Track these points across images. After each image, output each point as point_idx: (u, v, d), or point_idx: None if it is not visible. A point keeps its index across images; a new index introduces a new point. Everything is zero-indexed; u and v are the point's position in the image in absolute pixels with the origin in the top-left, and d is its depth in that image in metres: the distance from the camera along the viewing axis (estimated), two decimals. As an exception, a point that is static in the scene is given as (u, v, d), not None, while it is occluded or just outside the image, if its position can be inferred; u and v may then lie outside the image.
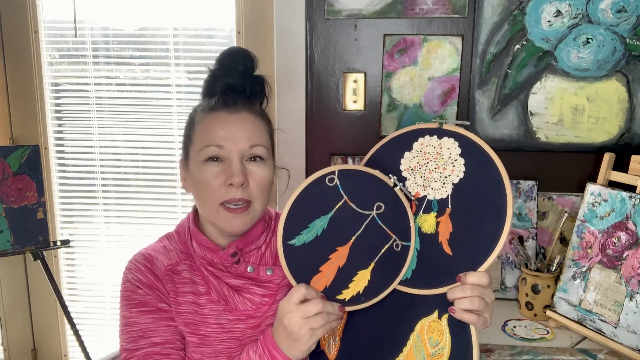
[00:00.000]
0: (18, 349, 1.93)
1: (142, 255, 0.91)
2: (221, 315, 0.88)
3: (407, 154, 0.85)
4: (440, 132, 0.83)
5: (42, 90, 1.74)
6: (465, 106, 1.49)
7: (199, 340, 0.87)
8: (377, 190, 0.80)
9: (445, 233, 0.80)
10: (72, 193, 1.84)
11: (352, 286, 0.79)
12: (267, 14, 1.58)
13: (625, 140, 1.44)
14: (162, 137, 1.76)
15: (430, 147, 0.84)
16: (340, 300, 0.79)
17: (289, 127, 1.55)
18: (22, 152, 1.54)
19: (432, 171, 0.83)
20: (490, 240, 0.77)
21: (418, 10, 1.45)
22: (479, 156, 0.80)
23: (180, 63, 1.71)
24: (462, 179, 0.80)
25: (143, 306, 0.87)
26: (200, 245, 0.90)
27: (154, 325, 0.86)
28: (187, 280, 0.89)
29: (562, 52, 1.42)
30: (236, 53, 0.91)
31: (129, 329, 0.86)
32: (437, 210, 0.81)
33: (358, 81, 1.51)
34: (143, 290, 0.87)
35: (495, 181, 0.78)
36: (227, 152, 0.84)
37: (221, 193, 0.84)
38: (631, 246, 1.20)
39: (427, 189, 0.83)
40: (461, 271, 0.78)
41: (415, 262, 0.81)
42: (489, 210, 0.78)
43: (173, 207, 1.81)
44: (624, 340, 1.17)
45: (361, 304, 0.79)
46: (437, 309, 0.80)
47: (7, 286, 1.87)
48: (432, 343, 0.79)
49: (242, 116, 0.87)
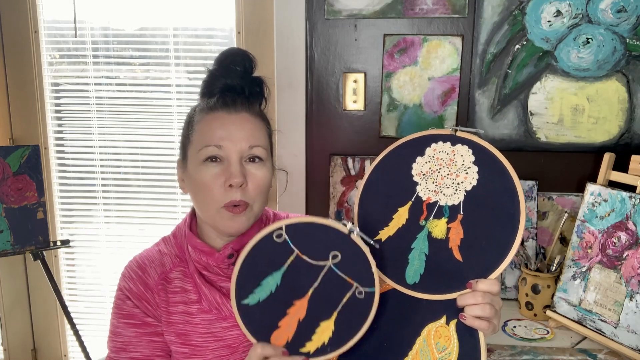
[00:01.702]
0: (18, 349, 1.93)
1: (136, 263, 0.92)
2: (213, 324, 0.88)
3: (419, 159, 0.85)
4: (454, 139, 0.83)
5: (42, 90, 1.74)
6: (465, 106, 1.49)
7: (190, 350, 0.87)
8: (331, 239, 0.77)
9: (456, 239, 0.80)
10: (72, 193, 1.84)
11: (315, 338, 0.77)
12: (267, 14, 1.58)
13: (625, 140, 1.44)
14: (162, 137, 1.76)
15: (443, 154, 0.83)
16: (304, 353, 0.77)
17: (289, 127, 1.55)
18: (22, 152, 1.54)
19: (444, 177, 0.83)
20: (501, 248, 0.78)
21: (418, 10, 1.45)
22: (492, 165, 0.80)
23: (180, 63, 1.71)
24: (475, 187, 0.81)
25: (130, 318, 0.88)
26: (195, 249, 0.89)
27: (137, 340, 0.88)
28: (178, 290, 0.89)
29: (562, 52, 1.42)
30: (235, 54, 0.90)
31: (114, 338, 0.89)
32: (448, 216, 0.81)
33: (358, 81, 1.51)
34: (132, 302, 0.88)
35: (509, 190, 0.78)
36: (226, 153, 0.84)
37: (221, 195, 0.83)
38: (631, 246, 1.20)
39: (439, 194, 0.83)
40: (471, 278, 0.78)
41: (423, 267, 0.81)
42: (502, 218, 0.78)
43: (173, 207, 1.81)
44: (624, 340, 1.17)
45: (327, 354, 0.78)
46: (445, 315, 0.80)
47: (7, 286, 1.87)
48: (439, 348, 0.79)
49: (242, 117, 0.86)
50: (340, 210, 1.58)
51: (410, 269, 0.82)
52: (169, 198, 1.80)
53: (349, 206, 1.57)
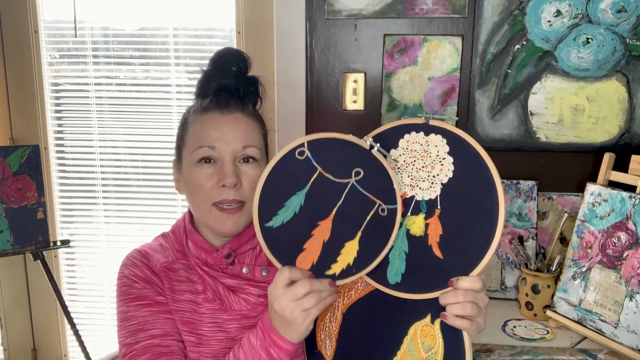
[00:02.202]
0: (18, 349, 1.93)
1: (138, 252, 0.91)
2: (217, 314, 0.88)
3: (392, 152, 0.80)
4: (427, 129, 0.79)
5: (42, 90, 1.74)
6: (465, 106, 1.49)
7: (196, 339, 0.87)
8: (353, 155, 0.75)
9: (435, 235, 0.77)
10: (72, 193, 1.84)
11: (340, 259, 0.76)
12: (267, 14, 1.58)
13: (625, 140, 1.44)
14: (162, 137, 1.76)
15: (417, 145, 0.79)
16: (330, 276, 0.76)
17: (289, 127, 1.55)
18: (22, 152, 1.54)
19: (419, 170, 0.79)
20: (482, 243, 0.75)
21: (418, 10, 1.45)
22: (468, 154, 0.76)
23: (180, 63, 1.71)
24: (451, 179, 0.77)
25: (141, 300, 0.86)
26: (196, 245, 0.90)
27: (153, 318, 0.85)
28: (183, 279, 0.89)
29: (562, 52, 1.42)
30: (229, 54, 0.90)
31: (127, 324, 0.85)
32: (425, 211, 0.78)
33: (358, 81, 1.51)
34: (140, 284, 0.87)
35: (486, 181, 0.75)
36: (219, 153, 0.84)
37: (213, 194, 0.84)
38: (631, 246, 1.20)
39: (415, 188, 0.79)
40: (453, 275, 0.76)
41: (404, 266, 0.78)
42: (481, 211, 0.75)
43: (173, 207, 1.81)
44: (624, 340, 1.17)
45: (353, 275, 0.76)
46: (429, 313, 0.78)
47: (7, 286, 1.87)
48: (426, 347, 0.78)
49: (235, 117, 0.86)
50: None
51: (392, 268, 0.79)
52: (169, 198, 1.80)
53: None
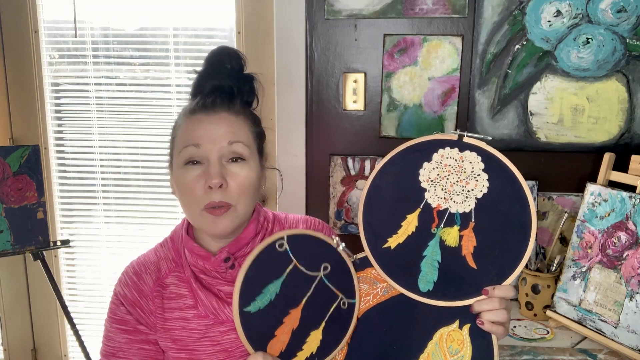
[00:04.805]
0: (18, 349, 1.93)
1: (132, 268, 0.92)
2: (211, 329, 0.87)
3: (426, 165, 0.83)
4: (461, 145, 0.82)
5: (42, 90, 1.74)
6: (465, 106, 1.49)
7: (186, 355, 0.87)
8: (323, 251, 0.82)
9: (469, 247, 0.81)
10: (72, 193, 1.83)
11: (305, 347, 0.80)
12: (267, 14, 1.58)
13: (625, 140, 1.44)
14: (162, 137, 1.76)
15: (451, 160, 0.82)
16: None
17: (289, 127, 1.55)
18: (22, 152, 1.54)
19: (453, 184, 0.82)
20: (515, 255, 0.79)
21: (418, 10, 1.45)
22: (502, 173, 0.80)
23: (180, 63, 1.71)
24: (486, 194, 0.81)
25: (122, 324, 0.89)
26: (192, 253, 0.89)
27: (127, 346, 0.88)
28: (173, 296, 0.89)
29: (562, 52, 1.42)
30: (223, 52, 0.89)
31: (106, 342, 0.90)
32: (460, 223, 0.82)
33: (358, 81, 1.51)
34: (125, 308, 0.89)
35: (520, 199, 0.79)
36: (205, 153, 0.83)
37: (201, 197, 0.82)
38: (631, 246, 1.20)
39: (449, 201, 0.82)
40: (486, 285, 0.80)
41: (436, 275, 0.82)
42: (514, 226, 0.80)
43: (173, 207, 1.81)
44: (624, 340, 1.17)
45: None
46: (458, 319, 0.81)
47: (7, 286, 1.87)
48: (452, 351, 0.81)
49: (220, 116, 0.85)
50: (340, 210, 1.58)
51: (423, 276, 0.83)
52: (169, 198, 1.80)
53: (349, 206, 1.57)
